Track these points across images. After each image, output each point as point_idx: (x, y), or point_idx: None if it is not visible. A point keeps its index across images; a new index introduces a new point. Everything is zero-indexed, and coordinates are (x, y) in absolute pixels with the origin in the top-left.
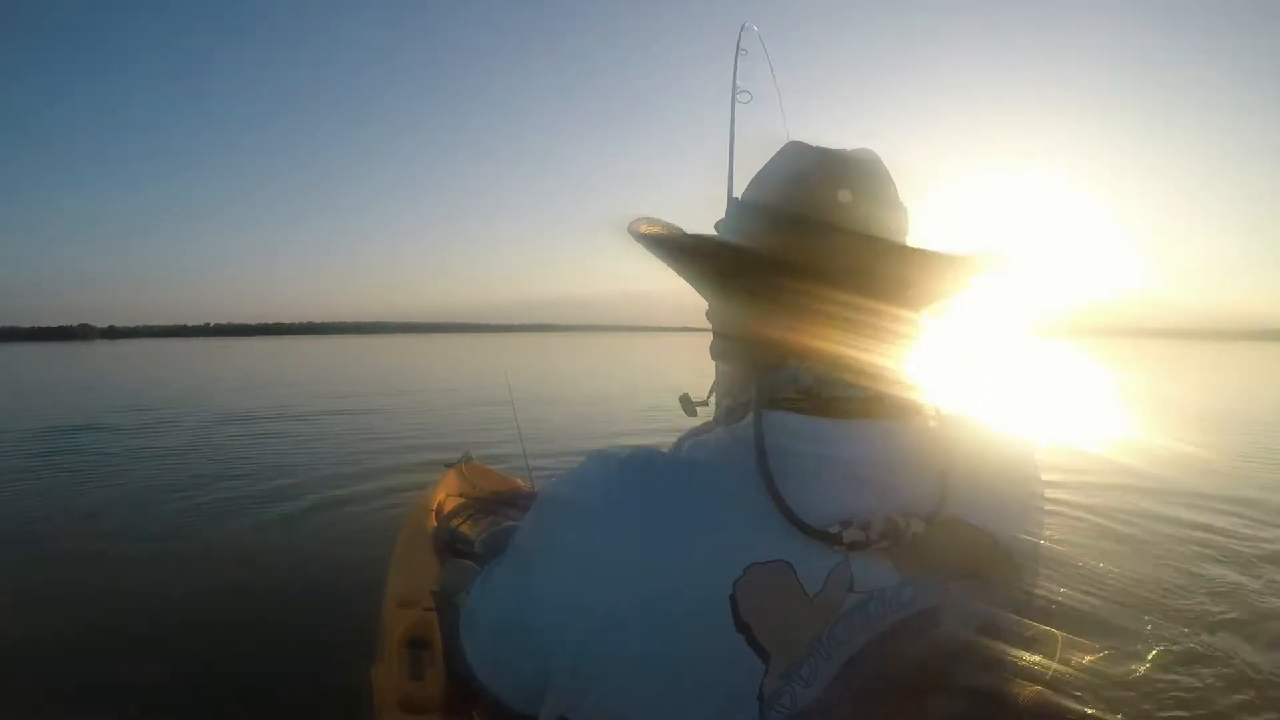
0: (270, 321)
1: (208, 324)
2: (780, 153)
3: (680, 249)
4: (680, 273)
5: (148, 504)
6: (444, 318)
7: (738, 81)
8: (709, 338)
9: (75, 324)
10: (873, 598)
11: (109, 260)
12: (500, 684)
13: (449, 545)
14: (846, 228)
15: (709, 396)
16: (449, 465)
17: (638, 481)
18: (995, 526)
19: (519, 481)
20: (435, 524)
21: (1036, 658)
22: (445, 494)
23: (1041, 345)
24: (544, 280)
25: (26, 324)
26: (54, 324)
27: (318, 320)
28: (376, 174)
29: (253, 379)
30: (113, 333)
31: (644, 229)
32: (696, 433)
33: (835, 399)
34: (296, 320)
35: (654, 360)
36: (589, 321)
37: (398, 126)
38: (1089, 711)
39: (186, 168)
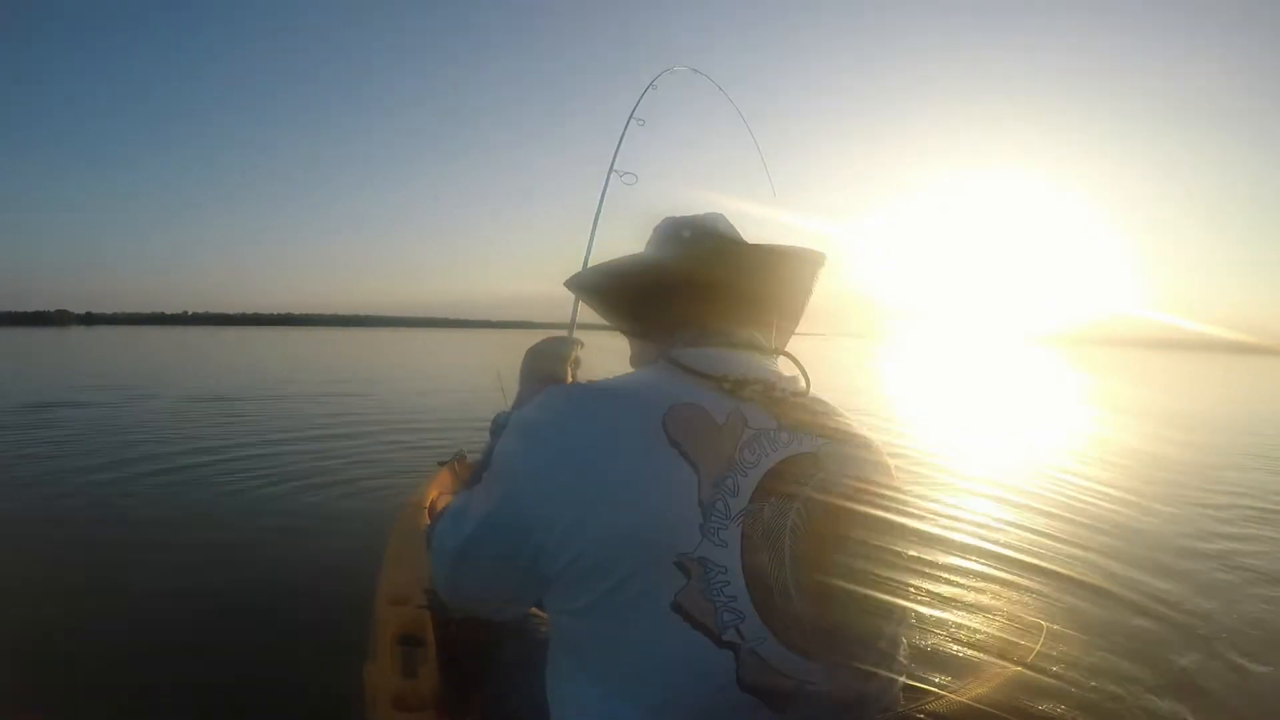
0: (249, 311)
1: (186, 312)
2: (657, 227)
3: (610, 274)
4: (600, 299)
5: (131, 501)
6: (428, 312)
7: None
8: None
9: (52, 309)
10: (762, 434)
11: (88, 246)
12: (481, 595)
13: None
14: (690, 249)
15: None
16: (442, 463)
17: (577, 397)
18: (840, 420)
19: None
20: (428, 521)
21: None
22: (438, 492)
23: (1046, 354)
24: (530, 275)
25: (2, 308)
26: (30, 309)
27: (297, 311)
28: (360, 164)
29: (234, 370)
30: (90, 319)
31: (575, 280)
32: None
33: (714, 341)
34: (276, 311)
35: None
36: (579, 320)
37: (383, 116)
38: (1071, 690)
39: (167, 155)
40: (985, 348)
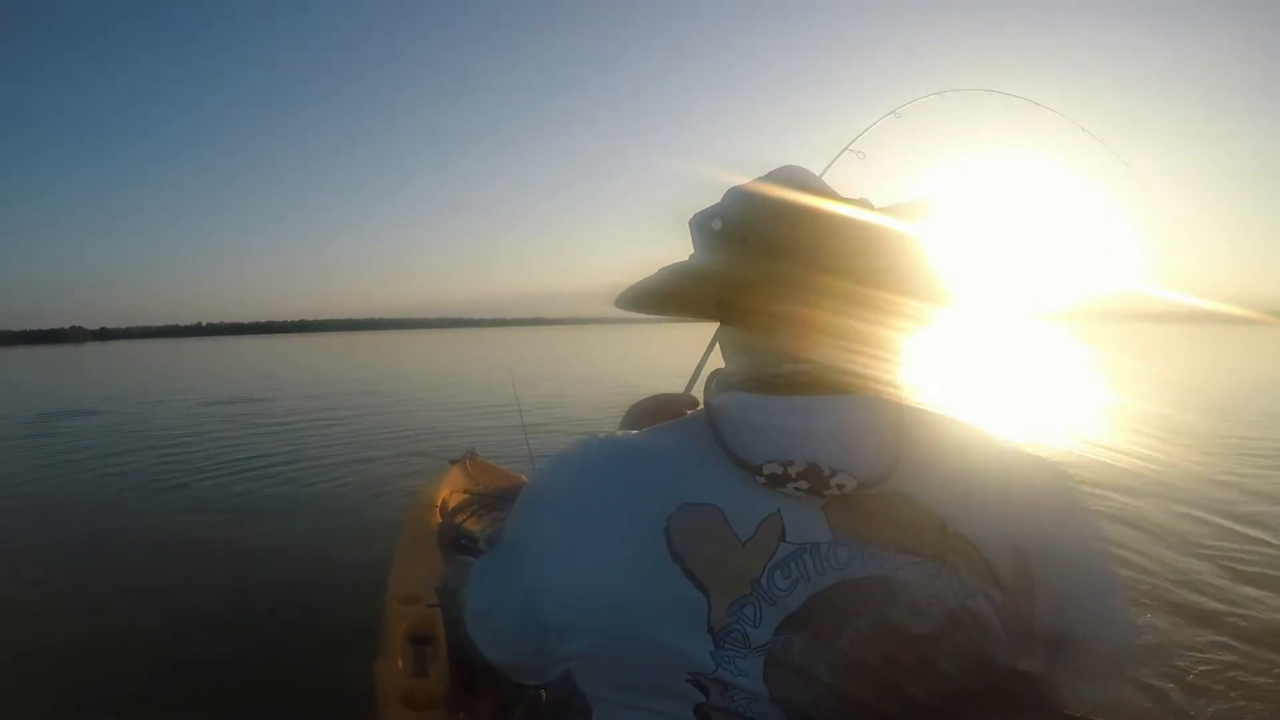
0: (263, 320)
1: (200, 323)
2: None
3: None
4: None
5: (148, 500)
6: (441, 313)
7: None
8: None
9: (67, 326)
10: (807, 550)
11: (100, 262)
12: (501, 659)
13: (453, 541)
14: (720, 244)
15: None
16: (453, 461)
17: (582, 468)
18: (949, 512)
19: (523, 477)
20: (439, 520)
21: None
22: (449, 490)
23: (1060, 332)
24: (539, 274)
25: (17, 327)
26: (45, 327)
27: (310, 318)
28: (369, 169)
29: (249, 377)
30: (104, 334)
31: (634, 295)
32: None
33: (776, 377)
34: (290, 318)
35: (652, 352)
36: (589, 315)
37: (392, 121)
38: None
39: (178, 165)
40: (1004, 328)
